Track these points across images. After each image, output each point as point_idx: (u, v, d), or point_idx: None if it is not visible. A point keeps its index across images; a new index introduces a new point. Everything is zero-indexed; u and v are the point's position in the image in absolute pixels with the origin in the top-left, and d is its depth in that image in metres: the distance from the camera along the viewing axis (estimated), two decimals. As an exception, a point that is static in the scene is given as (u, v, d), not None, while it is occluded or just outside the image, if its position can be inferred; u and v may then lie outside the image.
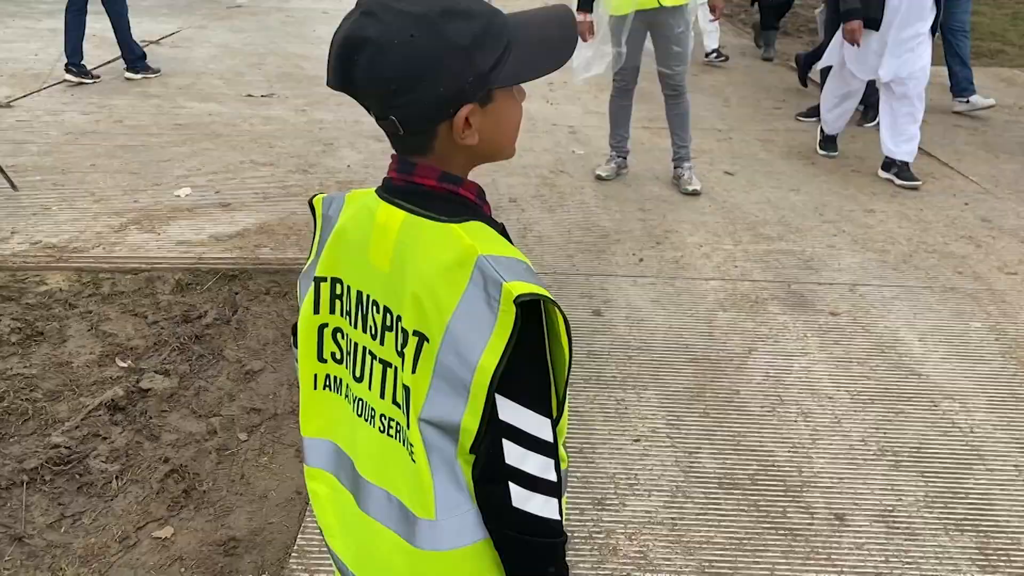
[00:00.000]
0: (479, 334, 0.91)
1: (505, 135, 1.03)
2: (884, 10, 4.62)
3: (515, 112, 1.03)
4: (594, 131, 5.69)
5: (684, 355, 3.10)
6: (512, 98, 1.00)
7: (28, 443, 2.56)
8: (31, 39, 7.98)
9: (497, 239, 0.98)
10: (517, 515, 0.96)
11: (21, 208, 4.17)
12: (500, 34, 0.95)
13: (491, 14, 0.95)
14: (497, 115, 0.99)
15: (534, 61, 0.98)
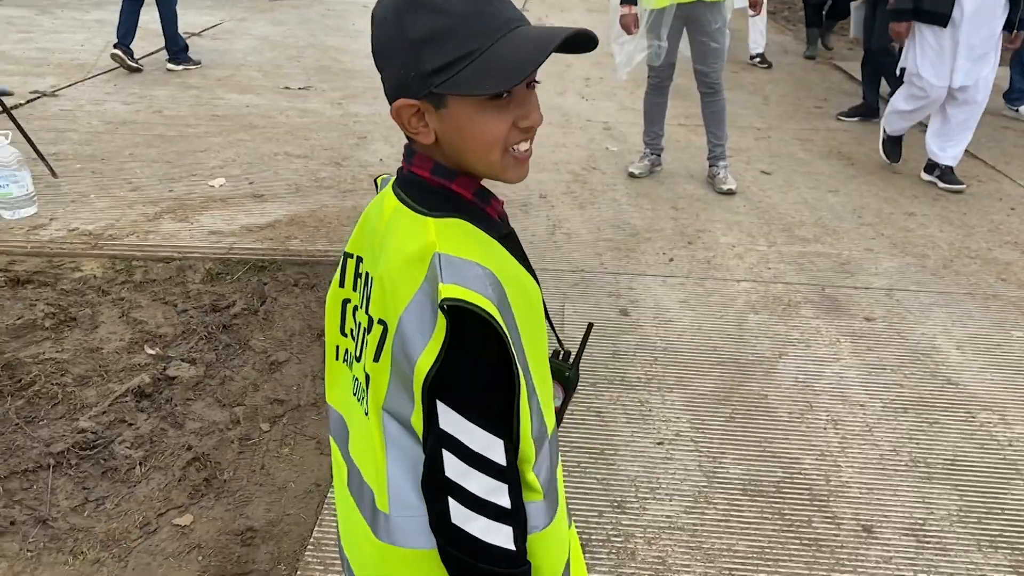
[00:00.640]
0: (422, 333, 0.90)
1: (469, 146, 0.93)
2: (954, 7, 4.24)
3: (483, 125, 0.91)
4: (629, 128, 5.63)
5: (712, 357, 3.05)
6: (480, 110, 0.90)
7: (56, 427, 2.60)
8: (78, 30, 8.15)
9: (468, 239, 0.94)
10: (457, 534, 0.93)
11: (60, 195, 4.25)
12: (465, 39, 0.87)
13: (469, 17, 0.87)
14: (456, 122, 0.92)
15: (488, 77, 0.87)
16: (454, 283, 0.89)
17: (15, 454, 2.48)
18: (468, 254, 0.92)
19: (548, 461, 1.01)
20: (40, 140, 4.89)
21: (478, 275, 0.90)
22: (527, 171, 0.98)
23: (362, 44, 8.05)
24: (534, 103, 0.95)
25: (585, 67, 7.37)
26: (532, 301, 0.97)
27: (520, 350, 0.92)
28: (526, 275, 0.98)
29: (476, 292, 0.89)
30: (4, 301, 3.29)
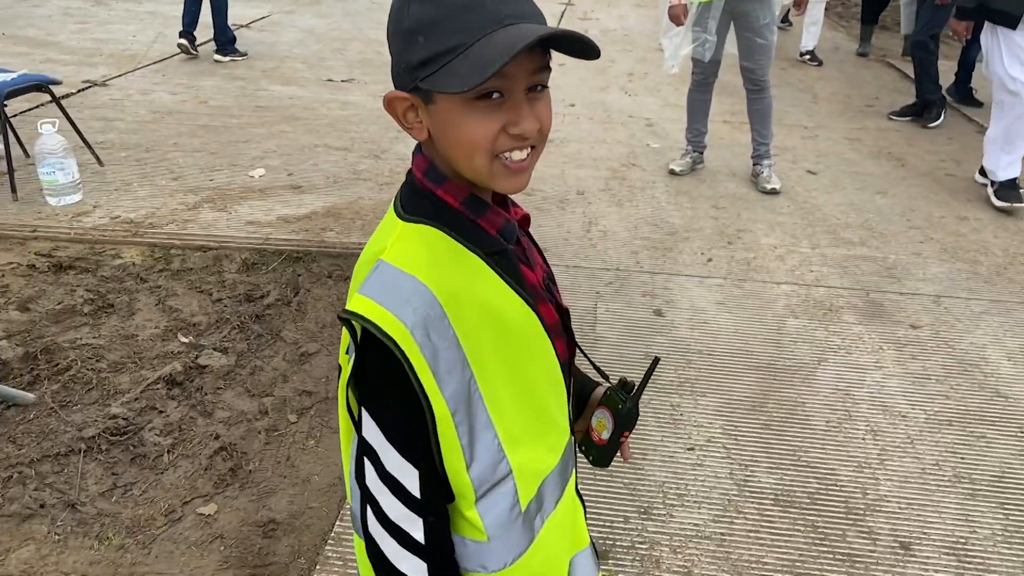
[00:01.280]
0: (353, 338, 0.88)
1: (454, 148, 0.87)
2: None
3: (467, 127, 0.84)
4: (672, 124, 5.54)
5: (747, 362, 2.96)
6: (466, 110, 0.83)
7: (89, 412, 2.64)
8: (131, 21, 8.31)
9: (425, 250, 0.88)
10: (372, 544, 0.90)
11: (105, 183, 4.32)
12: (451, 33, 0.81)
13: (461, 10, 0.80)
14: (443, 120, 0.86)
15: (457, 76, 0.80)
16: (367, 295, 0.85)
17: (48, 438, 2.52)
18: (412, 267, 0.87)
19: (508, 501, 0.93)
20: (89, 129, 4.99)
21: (403, 292, 0.85)
22: (524, 182, 0.89)
23: (406, 37, 8.06)
24: (528, 110, 0.85)
25: (629, 62, 7.28)
26: (509, 327, 0.90)
27: (462, 379, 0.86)
28: (507, 299, 0.91)
29: (385, 310, 0.83)
30: (47, 286, 3.36)
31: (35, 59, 6.72)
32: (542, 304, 0.97)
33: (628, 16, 9.31)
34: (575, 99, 6.15)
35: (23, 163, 4.36)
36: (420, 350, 0.84)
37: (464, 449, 0.88)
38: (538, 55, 0.84)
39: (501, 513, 0.92)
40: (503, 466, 0.91)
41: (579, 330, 3.09)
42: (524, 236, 1.01)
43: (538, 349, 0.94)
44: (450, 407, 0.86)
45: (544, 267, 1.03)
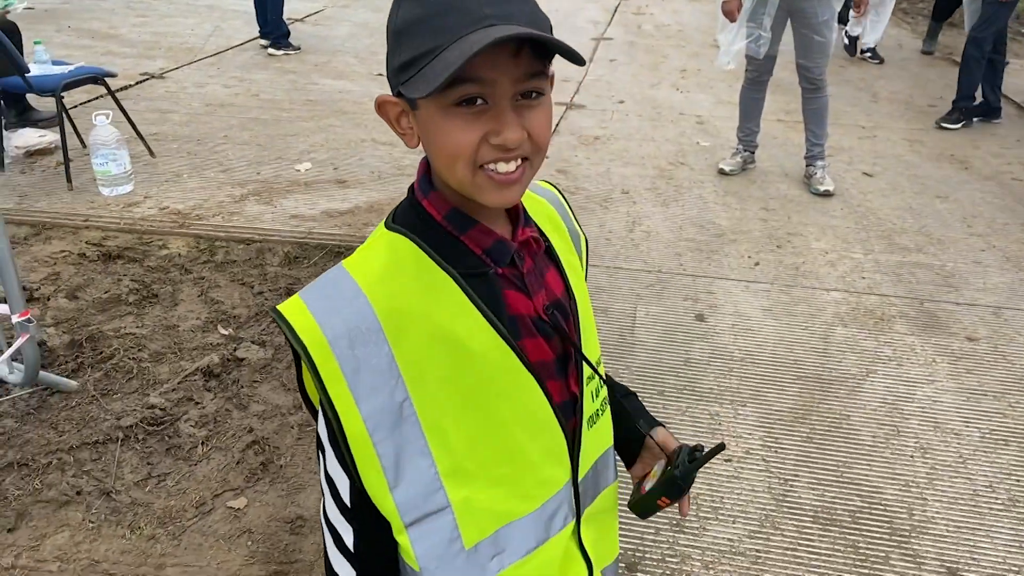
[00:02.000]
0: None
1: (435, 157, 0.83)
2: None
3: (447, 134, 0.79)
4: (724, 122, 5.41)
5: (792, 371, 2.86)
6: (446, 116, 0.78)
7: (128, 401, 2.68)
8: (190, 15, 8.48)
9: (384, 261, 0.84)
10: (324, 528, 0.91)
11: (156, 174, 4.40)
12: (430, 35, 0.76)
13: (443, 10, 0.75)
14: (425, 127, 0.82)
15: (423, 81, 0.75)
16: (302, 298, 0.82)
17: (88, 425, 2.57)
18: (364, 276, 0.83)
19: (446, 535, 0.86)
20: (144, 120, 5.09)
21: (338, 300, 0.82)
22: (513, 196, 0.82)
23: (458, 32, 8.05)
24: (512, 118, 0.78)
25: (682, 58, 7.14)
26: (470, 356, 0.84)
27: (390, 399, 0.81)
28: (473, 326, 0.84)
29: (311, 315, 0.81)
30: (95, 275, 3.43)
31: (97, 51, 6.90)
32: (528, 339, 0.89)
33: (683, 11, 9.14)
34: (625, 95, 6.05)
35: (80, 154, 4.47)
36: (337, 362, 0.80)
37: (386, 470, 0.83)
38: (528, 59, 0.77)
39: (436, 546, 0.86)
40: (439, 497, 0.85)
41: (616, 334, 3.03)
42: (530, 258, 0.91)
43: (510, 385, 0.86)
44: (367, 425, 0.81)
45: (557, 295, 0.93)
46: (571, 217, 1.06)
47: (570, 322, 0.94)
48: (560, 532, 0.94)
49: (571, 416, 0.94)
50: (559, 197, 1.07)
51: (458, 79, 0.75)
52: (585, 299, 1.00)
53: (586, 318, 0.98)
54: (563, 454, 0.92)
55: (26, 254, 3.59)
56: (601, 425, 1.00)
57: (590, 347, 0.98)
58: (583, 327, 0.96)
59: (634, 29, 8.38)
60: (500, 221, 0.90)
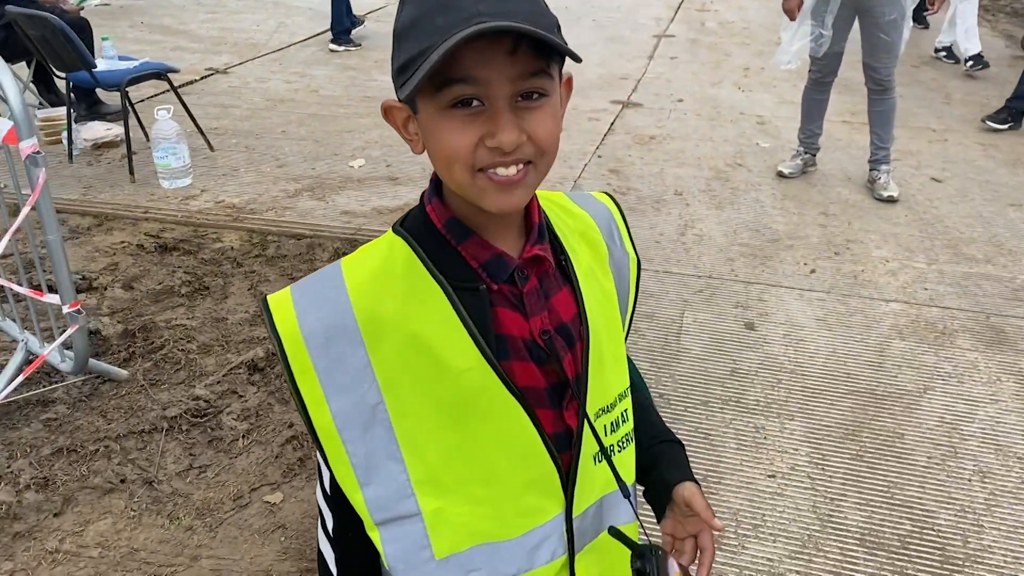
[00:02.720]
0: None
1: (434, 161, 0.80)
2: None
3: (443, 137, 0.77)
4: (785, 123, 5.25)
5: (844, 385, 2.75)
6: (442, 118, 0.76)
7: (175, 392, 2.73)
8: (257, 11, 8.66)
9: (373, 264, 0.84)
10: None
11: (215, 168, 4.50)
12: (423, 35, 0.73)
13: (436, 9, 0.73)
14: (424, 130, 0.80)
15: (411, 82, 0.74)
16: (291, 289, 0.84)
17: (135, 414, 2.63)
18: (354, 276, 0.83)
19: (415, 542, 0.84)
20: (206, 115, 5.21)
21: (322, 297, 0.82)
22: (515, 200, 0.79)
23: (517, 28, 8.02)
24: (509, 120, 0.75)
25: (746, 56, 6.97)
26: (449, 371, 0.81)
27: (361, 401, 0.81)
28: (455, 341, 0.81)
29: (292, 308, 0.82)
30: (152, 266, 3.52)
31: (166, 47, 7.10)
32: (517, 361, 0.85)
33: (748, 8, 8.92)
34: (684, 94, 5.94)
35: (145, 147, 4.59)
36: (309, 357, 0.81)
37: (355, 468, 0.83)
38: (527, 58, 0.74)
39: (405, 550, 0.85)
40: (409, 504, 0.84)
41: (662, 341, 2.96)
42: (535, 277, 0.87)
43: (490, 407, 0.83)
44: (336, 422, 0.81)
45: (563, 320, 0.88)
46: (621, 237, 0.99)
47: (577, 349, 0.89)
48: (546, 565, 0.90)
49: (566, 449, 0.88)
50: (612, 213, 1.00)
51: (451, 80, 0.74)
52: (612, 326, 0.93)
53: (610, 347, 0.92)
54: (553, 486, 0.88)
55: (88, 244, 3.71)
56: (617, 462, 0.93)
57: (609, 379, 0.92)
58: (598, 357, 0.90)
59: (697, 26, 8.22)
60: (509, 233, 0.86)
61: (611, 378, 0.93)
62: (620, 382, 0.94)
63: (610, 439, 0.93)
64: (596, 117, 5.41)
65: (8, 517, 2.22)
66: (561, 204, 0.97)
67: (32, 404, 2.65)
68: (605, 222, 0.98)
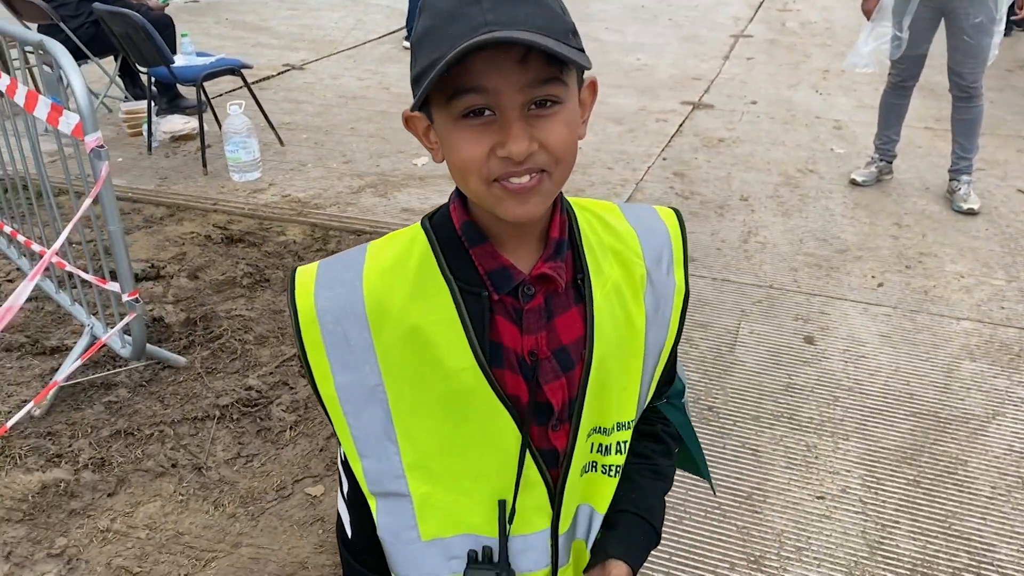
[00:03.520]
0: None
1: (451, 171, 0.80)
2: None
3: (457, 148, 0.76)
4: (863, 128, 5.05)
5: (905, 406, 2.63)
6: (455, 128, 0.76)
7: (229, 381, 2.81)
8: (336, 8, 8.84)
9: (392, 253, 0.86)
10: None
11: (283, 163, 4.61)
12: (434, 45, 0.73)
13: (447, 18, 0.72)
14: (440, 141, 0.80)
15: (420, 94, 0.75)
16: (319, 265, 0.87)
17: (190, 401, 2.72)
18: (373, 262, 0.86)
19: (405, 520, 0.88)
20: (280, 110, 5.35)
21: (341, 277, 0.85)
22: (532, 209, 0.78)
23: (590, 27, 7.96)
24: (520, 129, 0.74)
25: (826, 58, 6.74)
26: (444, 368, 0.83)
27: (362, 380, 0.84)
28: (452, 340, 0.82)
29: (314, 282, 0.85)
30: (217, 257, 3.63)
31: (248, 43, 7.32)
32: (509, 371, 0.85)
33: (833, 8, 8.62)
34: (758, 96, 5.78)
35: (219, 140, 4.74)
36: (320, 331, 0.84)
37: (356, 440, 0.87)
38: (538, 66, 0.72)
39: (395, 525, 0.89)
40: (400, 485, 0.88)
41: (714, 351, 2.88)
42: (541, 296, 0.85)
43: (479, 410, 0.84)
44: (339, 396, 0.85)
45: (564, 343, 0.87)
46: (672, 263, 0.93)
47: (575, 373, 0.87)
48: (527, 573, 0.91)
49: (553, 466, 0.89)
50: (670, 236, 0.93)
51: (461, 90, 0.73)
52: (626, 353, 0.89)
53: (618, 375, 0.89)
54: (540, 499, 0.89)
55: (160, 233, 3.85)
56: (600, 484, 0.94)
57: (609, 405, 0.90)
58: (600, 382, 0.87)
59: (777, 26, 7.99)
60: (524, 245, 0.85)
61: (612, 405, 0.90)
62: (623, 412, 0.92)
63: (604, 459, 0.92)
64: (664, 118, 5.32)
65: (66, 494, 2.32)
66: (603, 218, 0.92)
67: (96, 387, 2.77)
68: (655, 244, 0.92)
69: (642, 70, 6.48)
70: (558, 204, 0.86)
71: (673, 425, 1.04)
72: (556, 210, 0.86)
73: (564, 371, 0.86)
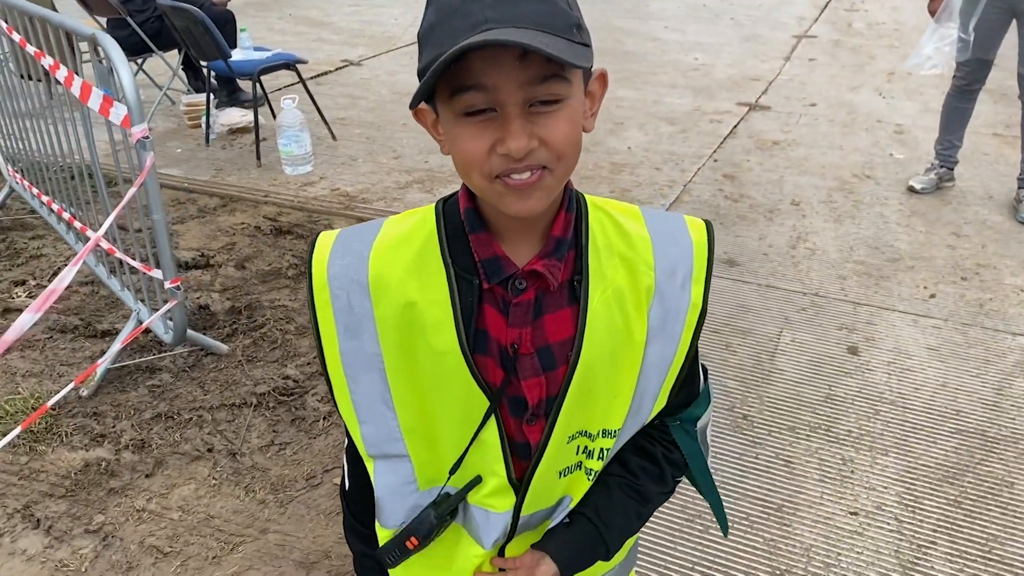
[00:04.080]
0: None
1: (455, 164, 0.80)
2: None
3: (459, 143, 0.77)
4: (927, 134, 4.88)
5: (951, 423, 2.53)
6: (457, 124, 0.76)
7: (268, 370, 2.87)
8: (396, 5, 8.94)
9: (402, 230, 0.89)
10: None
11: (335, 157, 4.68)
12: (438, 40, 0.73)
13: (450, 13, 0.72)
14: (445, 135, 0.81)
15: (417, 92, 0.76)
16: (339, 233, 0.90)
17: (230, 388, 2.78)
18: (384, 235, 0.88)
19: (403, 477, 0.92)
20: (335, 105, 5.44)
21: (352, 247, 0.87)
22: (535, 203, 0.78)
23: (650, 26, 7.88)
24: (519, 127, 0.74)
25: (893, 60, 6.53)
26: (432, 345, 0.85)
27: (362, 348, 0.87)
28: (440, 319, 0.84)
29: (330, 248, 0.88)
30: (265, 247, 3.71)
31: (309, 38, 7.46)
32: (491, 360, 0.86)
33: (903, 8, 8.34)
34: (817, 98, 5.63)
35: (275, 134, 4.84)
36: (330, 296, 0.86)
37: (356, 405, 0.90)
38: (539, 63, 0.71)
39: (393, 483, 0.93)
40: (399, 447, 0.91)
41: (753, 359, 2.82)
42: (533, 291, 0.85)
43: (459, 392, 0.86)
44: (343, 360, 0.88)
45: (550, 342, 0.86)
46: (690, 278, 0.88)
47: (558, 373, 0.86)
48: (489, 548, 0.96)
49: (526, 458, 0.90)
50: (693, 248, 0.88)
51: (462, 87, 0.73)
52: (619, 363, 0.87)
53: (606, 383, 0.87)
54: (504, 487, 0.91)
55: (212, 223, 3.96)
56: (578, 483, 0.96)
57: (594, 411, 0.89)
58: (585, 387, 0.86)
59: (843, 27, 7.77)
60: (525, 238, 0.85)
61: (598, 411, 0.89)
62: (609, 420, 0.90)
63: (587, 463, 0.93)
64: (719, 119, 5.23)
65: (106, 473, 2.41)
66: (619, 221, 0.88)
67: (142, 370, 2.86)
68: (671, 254, 0.88)
69: (699, 70, 6.38)
70: (564, 201, 0.86)
71: (679, 452, 0.99)
72: (561, 207, 0.85)
73: (545, 370, 0.86)
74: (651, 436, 0.98)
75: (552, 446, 0.88)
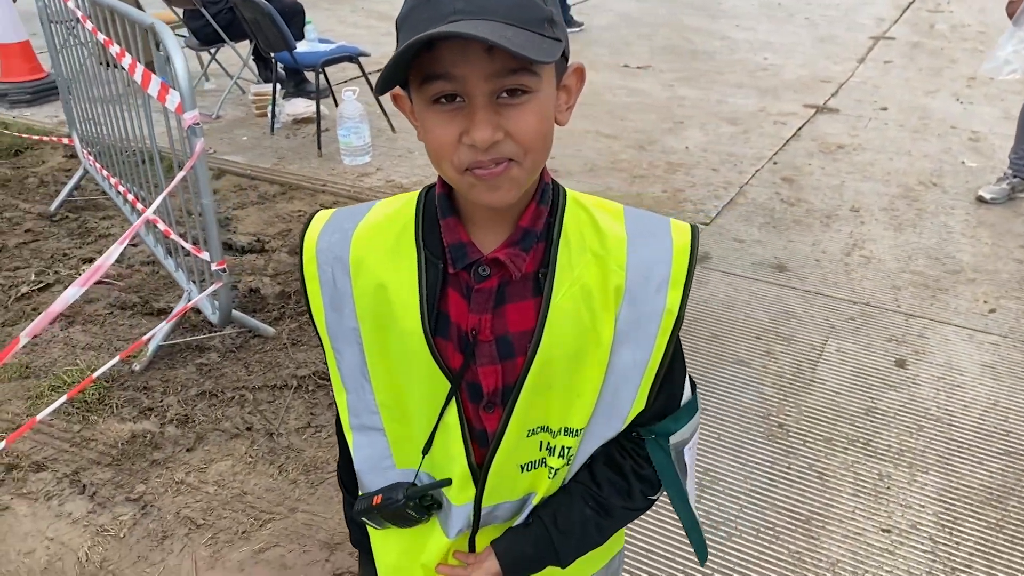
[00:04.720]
0: None
1: (428, 151, 0.81)
2: None
3: (429, 132, 0.78)
4: (1004, 142, 4.66)
5: (999, 443, 2.42)
6: (427, 113, 0.77)
7: (310, 354, 2.95)
8: None
9: (387, 212, 0.92)
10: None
11: (392, 149, 4.76)
12: (409, 29, 0.73)
13: (422, 3, 0.73)
14: (419, 119, 0.81)
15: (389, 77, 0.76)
16: (334, 212, 0.93)
17: (272, 369, 2.87)
18: (371, 216, 0.91)
19: (379, 451, 0.95)
20: (396, 97, 5.52)
21: (342, 226, 0.91)
22: (505, 195, 0.78)
23: (720, 25, 7.74)
24: (485, 118, 0.74)
25: (975, 63, 6.25)
26: (398, 324, 0.88)
27: (342, 323, 0.90)
28: (407, 300, 0.86)
29: (322, 224, 0.91)
30: (318, 235, 3.80)
31: (378, 32, 7.58)
32: (451, 344, 0.87)
33: (990, 10, 7.97)
34: (889, 102, 5.44)
35: (335, 125, 4.95)
36: (317, 270, 0.90)
37: (341, 373, 0.94)
38: (505, 56, 0.71)
39: (371, 457, 0.96)
40: (375, 420, 0.94)
41: (794, 367, 2.76)
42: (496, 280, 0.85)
43: (423, 374, 0.89)
44: (328, 331, 0.92)
45: (510, 331, 0.86)
46: (667, 282, 0.86)
47: (514, 363, 0.87)
48: (453, 539, 0.97)
49: (485, 445, 0.91)
50: (673, 253, 0.86)
51: (431, 76, 0.74)
52: (581, 361, 0.86)
53: (565, 379, 0.87)
54: (464, 474, 0.92)
55: (271, 210, 4.07)
56: (540, 481, 0.95)
57: (552, 408, 0.89)
58: (544, 382, 0.86)
59: (924, 28, 7.48)
60: (493, 227, 0.86)
61: (556, 407, 0.89)
62: (571, 418, 0.90)
63: (550, 460, 0.93)
64: (783, 121, 5.10)
65: (151, 445, 2.51)
66: (596, 219, 0.87)
67: (192, 349, 2.97)
68: (646, 257, 0.86)
69: (768, 70, 6.24)
70: (537, 193, 0.85)
71: (650, 468, 0.96)
72: (533, 199, 0.85)
73: (502, 359, 0.87)
74: (624, 449, 0.95)
75: (509, 437, 0.88)
